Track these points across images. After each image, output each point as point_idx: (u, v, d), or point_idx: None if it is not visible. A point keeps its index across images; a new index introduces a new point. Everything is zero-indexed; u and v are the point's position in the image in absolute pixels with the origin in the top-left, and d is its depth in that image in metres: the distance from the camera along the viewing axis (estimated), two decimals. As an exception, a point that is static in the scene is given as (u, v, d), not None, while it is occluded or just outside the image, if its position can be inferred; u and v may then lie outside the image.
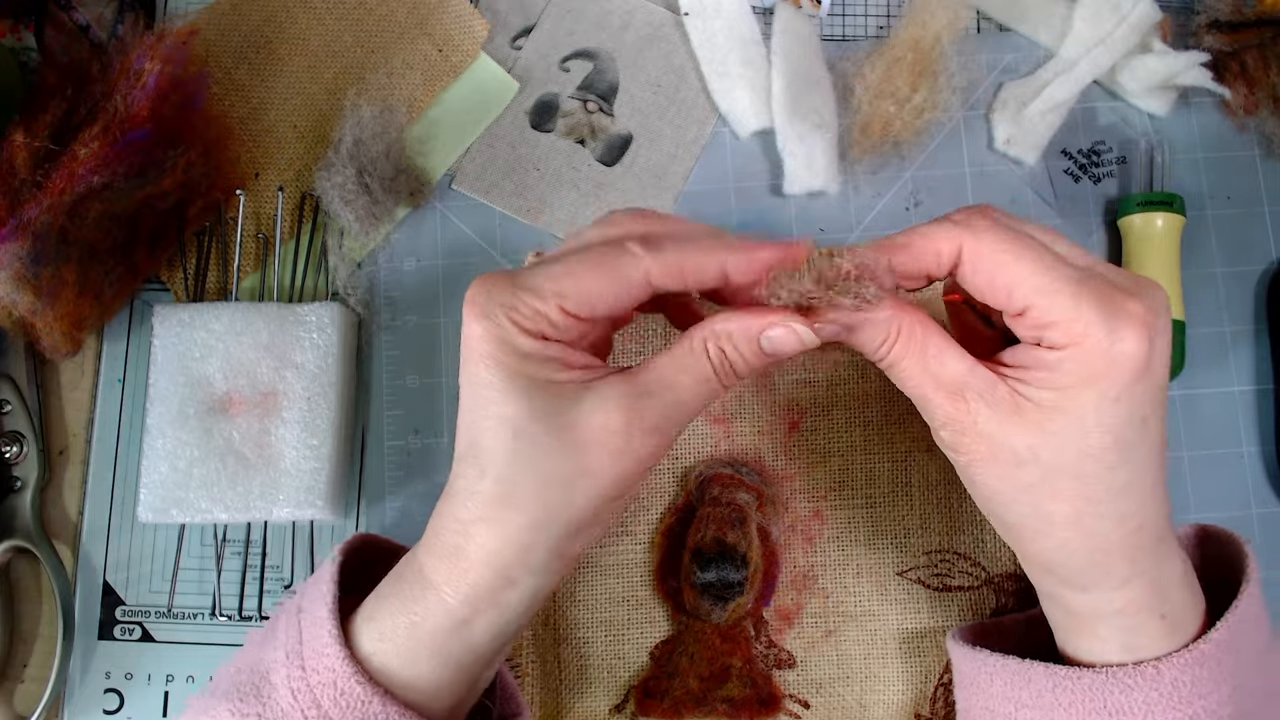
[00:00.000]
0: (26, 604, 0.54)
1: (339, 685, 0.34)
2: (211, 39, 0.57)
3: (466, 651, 0.35)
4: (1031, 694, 0.37)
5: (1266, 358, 0.55)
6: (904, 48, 0.55)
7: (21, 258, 0.46)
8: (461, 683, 0.36)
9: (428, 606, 0.35)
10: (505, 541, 0.34)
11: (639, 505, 0.52)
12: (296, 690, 0.35)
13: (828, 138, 0.56)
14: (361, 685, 0.34)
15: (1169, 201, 0.53)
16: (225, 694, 0.36)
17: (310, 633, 0.36)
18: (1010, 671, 0.38)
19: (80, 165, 0.47)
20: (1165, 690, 0.35)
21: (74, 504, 0.54)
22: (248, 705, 0.35)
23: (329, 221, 0.55)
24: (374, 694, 0.34)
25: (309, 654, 0.35)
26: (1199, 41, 0.57)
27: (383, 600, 0.36)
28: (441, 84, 0.58)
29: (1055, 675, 0.36)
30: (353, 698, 0.34)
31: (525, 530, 0.34)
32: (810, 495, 0.52)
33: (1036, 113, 0.57)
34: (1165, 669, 0.35)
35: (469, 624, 0.35)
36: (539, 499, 0.34)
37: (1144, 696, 0.35)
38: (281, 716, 0.35)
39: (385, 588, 0.37)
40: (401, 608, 0.35)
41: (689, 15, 0.58)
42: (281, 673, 0.35)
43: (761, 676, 0.50)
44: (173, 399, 0.51)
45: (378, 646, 0.35)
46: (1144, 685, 0.35)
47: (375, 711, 0.34)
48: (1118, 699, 0.35)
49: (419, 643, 0.35)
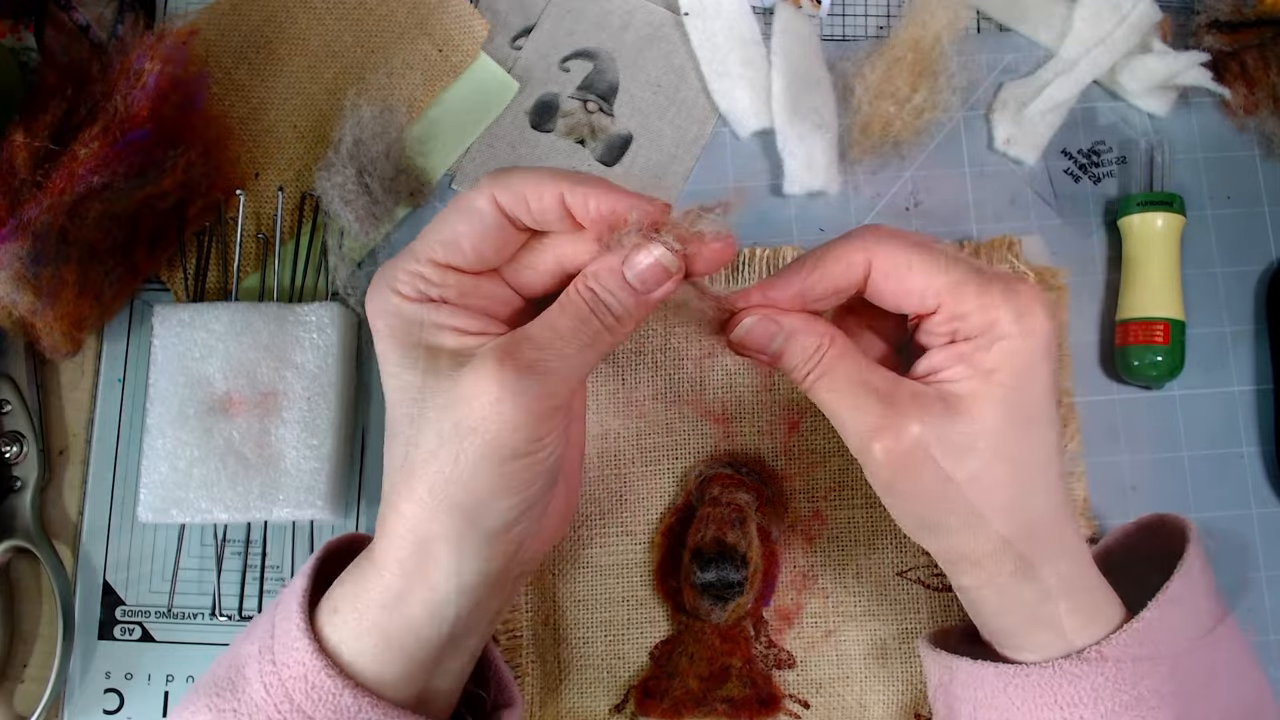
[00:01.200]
0: (26, 604, 0.54)
1: (310, 679, 0.34)
2: (211, 39, 0.57)
3: (407, 632, 0.35)
4: (986, 694, 0.38)
5: (1266, 358, 0.55)
6: (904, 48, 0.55)
7: (21, 258, 0.46)
8: (409, 670, 0.36)
9: (369, 584, 0.35)
10: (415, 509, 0.34)
11: (639, 505, 0.52)
12: (269, 685, 0.35)
13: (828, 138, 0.56)
14: (331, 678, 0.34)
15: (1169, 201, 0.53)
16: (205, 690, 0.37)
17: (282, 626, 0.36)
18: (964, 673, 0.39)
19: (80, 165, 0.47)
20: (1109, 674, 0.35)
21: (74, 504, 0.54)
22: (224, 700, 0.36)
23: (329, 221, 0.55)
24: (344, 686, 0.34)
25: (280, 648, 0.35)
26: (1199, 41, 0.57)
27: (340, 585, 0.37)
28: (441, 84, 0.58)
29: (1005, 674, 0.37)
30: (323, 690, 0.34)
31: (427, 494, 0.34)
32: (810, 495, 0.52)
33: (1036, 113, 0.57)
34: (1108, 651, 0.35)
35: (403, 599, 0.35)
36: (434, 460, 0.34)
37: (1091, 683, 0.35)
38: (255, 710, 0.35)
39: (346, 573, 0.37)
40: (351, 589, 0.36)
41: (689, 15, 0.58)
42: (254, 667, 0.36)
43: (761, 676, 0.50)
44: (173, 399, 0.51)
45: (336, 634, 0.35)
46: (1090, 672, 0.35)
47: (346, 703, 0.34)
48: (1066, 690, 0.36)
49: (363, 620, 0.35)
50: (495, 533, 0.35)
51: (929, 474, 0.35)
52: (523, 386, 0.33)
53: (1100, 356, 0.55)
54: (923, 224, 0.56)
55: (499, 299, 0.37)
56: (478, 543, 0.35)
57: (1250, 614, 0.53)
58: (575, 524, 0.52)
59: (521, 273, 0.37)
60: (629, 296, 0.35)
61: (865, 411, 0.35)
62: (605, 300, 0.35)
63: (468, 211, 0.35)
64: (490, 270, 0.37)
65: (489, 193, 0.35)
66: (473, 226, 0.35)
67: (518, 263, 0.37)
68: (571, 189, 0.34)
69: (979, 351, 0.35)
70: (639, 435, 0.52)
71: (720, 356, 0.53)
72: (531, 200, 0.35)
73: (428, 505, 0.34)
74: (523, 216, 0.35)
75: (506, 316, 0.38)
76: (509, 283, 0.37)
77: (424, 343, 0.35)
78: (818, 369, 0.36)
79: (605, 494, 0.52)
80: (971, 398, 0.35)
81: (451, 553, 0.34)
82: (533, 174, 0.35)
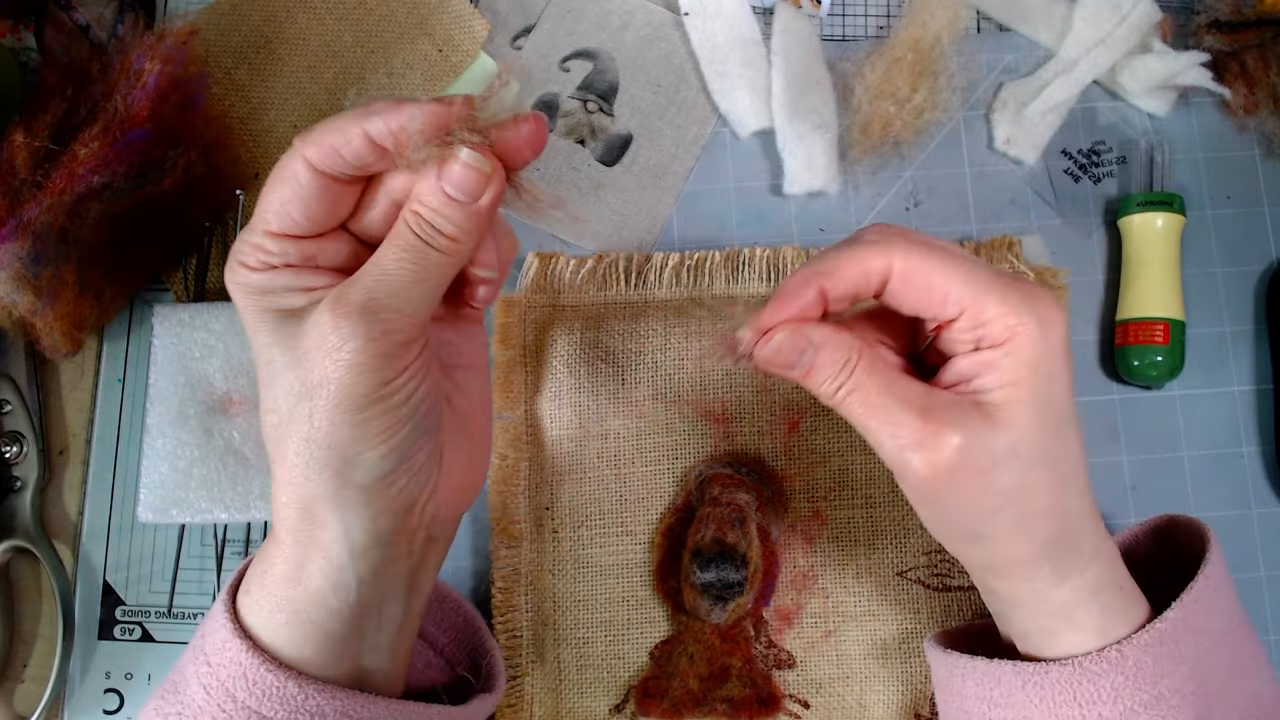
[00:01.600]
0: (26, 604, 0.54)
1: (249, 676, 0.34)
2: (211, 39, 0.57)
3: (312, 603, 0.34)
4: (1002, 693, 0.37)
5: (1266, 358, 0.55)
6: (904, 48, 0.55)
7: (21, 258, 0.46)
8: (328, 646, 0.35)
9: (270, 558, 0.35)
10: (289, 474, 0.34)
11: (639, 505, 0.52)
12: (208, 686, 0.34)
13: (828, 138, 0.56)
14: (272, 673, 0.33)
15: (1169, 201, 0.53)
16: (156, 694, 0.37)
17: (210, 626, 0.36)
18: (980, 672, 0.38)
19: (80, 165, 0.47)
20: (1130, 673, 0.35)
21: (74, 504, 0.54)
22: (167, 704, 0.35)
23: (329, 221, 0.55)
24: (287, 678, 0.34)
25: (210, 647, 0.35)
26: (1199, 41, 0.57)
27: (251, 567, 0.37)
28: (441, 84, 0.58)
29: (1024, 673, 0.37)
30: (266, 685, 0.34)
31: (294, 456, 0.33)
32: (810, 495, 0.52)
33: (1036, 113, 0.57)
34: (1129, 651, 0.35)
35: (302, 569, 0.34)
36: (294, 423, 0.33)
37: (1110, 682, 0.35)
38: (198, 712, 0.34)
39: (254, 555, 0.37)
40: (258, 568, 0.36)
41: (689, 15, 0.58)
42: (191, 669, 0.35)
43: (761, 676, 0.50)
44: (173, 399, 0.51)
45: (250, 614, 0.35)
46: (1110, 670, 0.35)
47: (292, 694, 0.34)
48: (1086, 688, 0.35)
49: (270, 594, 0.35)
50: (372, 489, 0.34)
51: (972, 484, 0.34)
52: (355, 329, 0.32)
53: (1100, 356, 0.55)
54: (923, 224, 0.56)
55: (345, 253, 0.37)
56: (358, 501, 0.34)
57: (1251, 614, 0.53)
58: (575, 524, 0.52)
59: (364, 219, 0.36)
60: (456, 211, 0.34)
61: (902, 425, 0.35)
62: (433, 221, 0.34)
63: (287, 179, 0.34)
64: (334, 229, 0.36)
65: (301, 155, 0.34)
66: (296, 192, 0.34)
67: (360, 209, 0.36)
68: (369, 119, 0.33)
69: (1007, 359, 0.34)
70: (639, 435, 0.52)
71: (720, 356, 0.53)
72: (341, 149, 0.34)
73: (298, 468, 0.33)
74: (341, 168, 0.34)
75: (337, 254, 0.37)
76: (356, 233, 0.37)
77: (273, 308, 0.34)
78: (849, 383, 0.35)
79: (605, 494, 0.52)
80: (1007, 405, 0.34)
81: (334, 514, 0.34)
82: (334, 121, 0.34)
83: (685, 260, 0.55)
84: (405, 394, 0.34)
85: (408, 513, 0.35)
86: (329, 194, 0.35)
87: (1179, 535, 0.42)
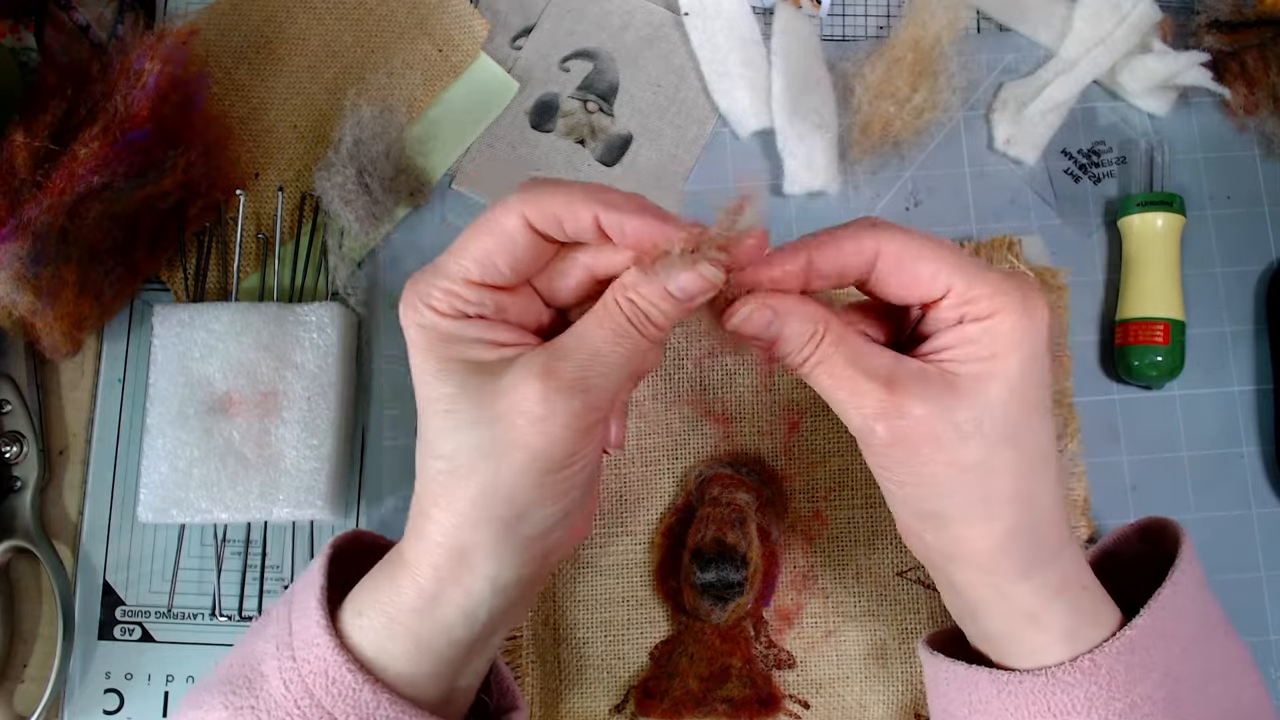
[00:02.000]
0: (26, 604, 0.54)
1: (330, 674, 0.34)
2: (211, 39, 0.57)
3: (439, 634, 0.35)
4: (980, 699, 0.37)
5: (1266, 358, 0.55)
6: (904, 48, 0.55)
7: (21, 258, 0.46)
8: (439, 669, 0.36)
9: (400, 587, 0.36)
10: (453, 519, 0.34)
11: (639, 505, 0.52)
12: (288, 681, 0.35)
13: (828, 138, 0.56)
14: (352, 674, 0.34)
15: (1169, 201, 0.53)
16: (219, 687, 0.37)
17: (300, 623, 0.36)
18: (960, 678, 0.38)
19: (80, 165, 0.47)
20: (1103, 682, 0.35)
21: (74, 504, 0.54)
22: (240, 697, 0.36)
23: (329, 221, 0.55)
24: (364, 681, 0.34)
25: (299, 644, 0.36)
26: (1199, 41, 0.57)
27: (366, 588, 0.37)
28: (441, 84, 0.58)
29: (999, 681, 0.37)
30: (344, 686, 0.34)
31: (468, 506, 0.34)
32: (810, 495, 0.52)
33: (1036, 113, 0.57)
34: (1101, 660, 0.35)
35: (437, 603, 0.35)
36: (474, 474, 0.34)
37: (1085, 691, 0.35)
38: (274, 706, 0.35)
39: (370, 577, 0.38)
40: (380, 593, 0.36)
41: (689, 15, 0.58)
42: (272, 663, 0.36)
43: (761, 676, 0.50)
44: (173, 399, 0.51)
45: (362, 635, 0.36)
46: (1084, 680, 0.35)
47: (366, 699, 0.34)
48: (1060, 698, 0.35)
49: (394, 623, 0.35)
50: (532, 539, 0.35)
51: (933, 456, 0.34)
52: (566, 405, 0.33)
53: (1100, 356, 0.55)
54: (923, 224, 0.56)
55: (530, 310, 0.37)
56: (515, 549, 0.35)
57: (1250, 614, 0.53)
58: (575, 524, 0.52)
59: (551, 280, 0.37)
60: (669, 304, 0.35)
61: (867, 395, 0.35)
62: (646, 311, 0.35)
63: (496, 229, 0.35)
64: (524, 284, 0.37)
65: (519, 211, 0.34)
66: (505, 245, 0.35)
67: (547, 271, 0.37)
68: (606, 212, 0.34)
69: (986, 334, 0.34)
70: (639, 435, 0.52)
71: (720, 356, 0.53)
72: (566, 222, 0.34)
73: (468, 516, 0.34)
74: (555, 234, 0.35)
75: (536, 326, 0.38)
76: (538, 291, 0.37)
77: (460, 357, 0.35)
78: (816, 354, 0.36)
79: (605, 494, 0.52)
80: (977, 378, 0.34)
81: (489, 559, 0.35)
82: (563, 193, 0.34)
83: (685, 260, 0.55)
84: (585, 462, 0.35)
85: (548, 556, 0.37)
86: (535, 253, 0.35)
87: (1164, 536, 0.42)
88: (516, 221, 0.35)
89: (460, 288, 0.35)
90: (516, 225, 0.35)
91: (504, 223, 0.35)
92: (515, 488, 0.34)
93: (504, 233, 0.35)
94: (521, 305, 0.37)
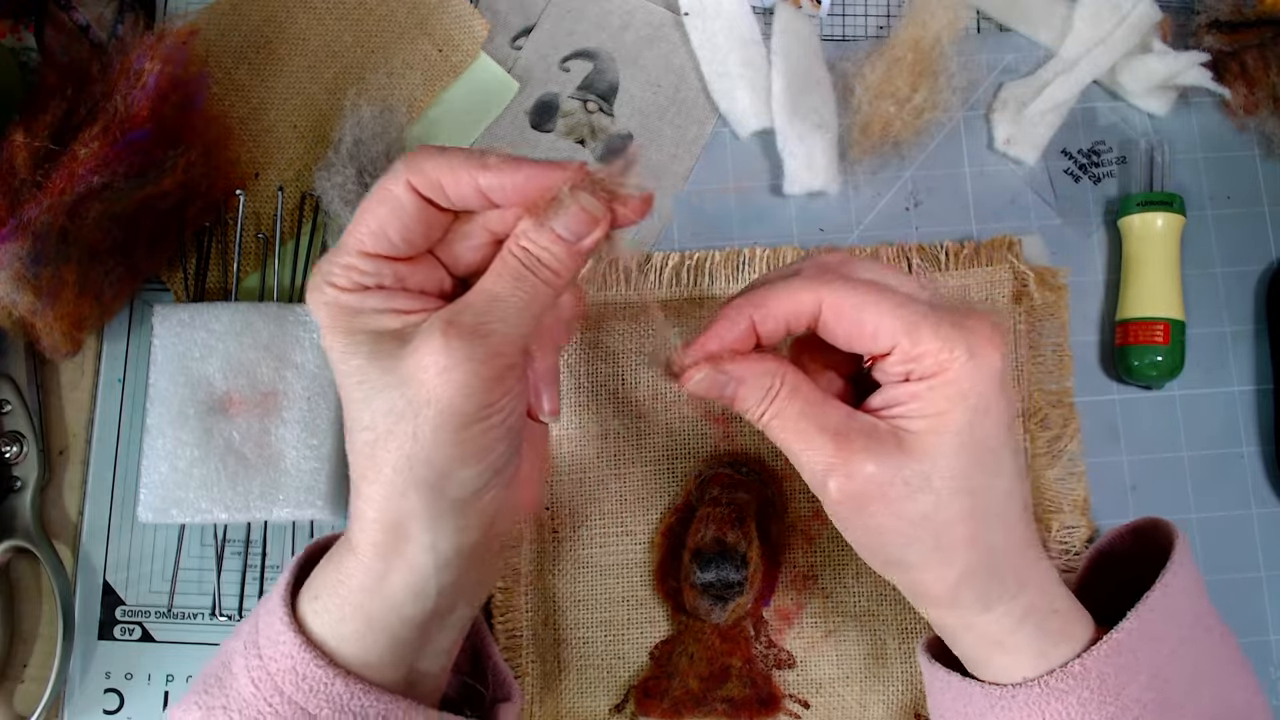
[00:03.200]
0: (26, 604, 0.54)
1: (299, 670, 0.35)
2: (211, 39, 0.57)
3: (389, 611, 0.35)
4: (974, 710, 0.38)
5: (1266, 358, 0.55)
6: (904, 48, 0.55)
7: (21, 258, 0.46)
8: (395, 650, 0.36)
9: (346, 568, 0.36)
10: (382, 490, 0.34)
11: (639, 505, 0.52)
12: (257, 679, 0.35)
13: (828, 138, 0.56)
14: (321, 668, 0.34)
15: (1169, 201, 0.53)
16: (194, 689, 0.37)
17: (265, 620, 0.36)
18: (954, 689, 0.39)
19: (80, 165, 0.47)
20: (1094, 685, 0.35)
21: (74, 504, 0.54)
22: (212, 697, 0.36)
23: (329, 221, 0.55)
24: (335, 675, 0.34)
25: (264, 642, 0.36)
26: (1199, 41, 0.57)
27: (319, 573, 0.37)
28: (441, 84, 0.58)
29: (991, 695, 0.37)
30: (314, 680, 0.34)
31: (391, 473, 0.34)
32: (810, 495, 0.52)
33: (1036, 113, 0.57)
34: (1090, 664, 0.36)
35: (384, 580, 0.35)
36: (392, 438, 0.34)
37: (1077, 697, 0.35)
38: (245, 705, 0.35)
39: (322, 563, 0.38)
40: (329, 575, 0.36)
41: (689, 15, 0.58)
42: (240, 662, 0.36)
43: (761, 676, 0.50)
44: (173, 399, 0.51)
45: (317, 619, 0.36)
46: (1075, 686, 0.36)
47: (338, 692, 0.34)
48: (1053, 706, 0.36)
49: (345, 605, 0.35)
50: (465, 502, 0.35)
51: (885, 511, 0.35)
52: (469, 351, 0.33)
53: (1100, 356, 0.55)
54: (923, 224, 0.56)
55: (435, 277, 0.37)
56: (449, 514, 0.35)
57: (1250, 614, 0.53)
58: (575, 524, 0.52)
59: (455, 248, 0.37)
60: (561, 248, 0.35)
61: (818, 450, 0.36)
62: (539, 255, 0.35)
63: (388, 201, 0.35)
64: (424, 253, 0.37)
65: (404, 179, 0.35)
66: (396, 215, 0.35)
67: (451, 238, 0.37)
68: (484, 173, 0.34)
69: (932, 391, 0.35)
70: (639, 435, 0.52)
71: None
72: (448, 187, 0.35)
73: (394, 484, 0.34)
74: (441, 201, 0.35)
75: (443, 293, 0.38)
76: (443, 260, 0.38)
77: (365, 328, 0.35)
78: (770, 409, 0.37)
79: (605, 494, 0.52)
80: (925, 435, 0.35)
81: (425, 528, 0.35)
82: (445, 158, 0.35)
83: (685, 260, 0.55)
84: (504, 414, 0.35)
85: (491, 524, 0.37)
86: (427, 218, 0.36)
87: (1159, 536, 0.42)
88: (403, 190, 0.35)
89: (357, 260, 0.35)
90: (403, 191, 0.35)
91: (393, 191, 0.35)
92: (433, 445, 0.33)
93: (394, 200, 0.35)
94: (423, 274, 0.37)
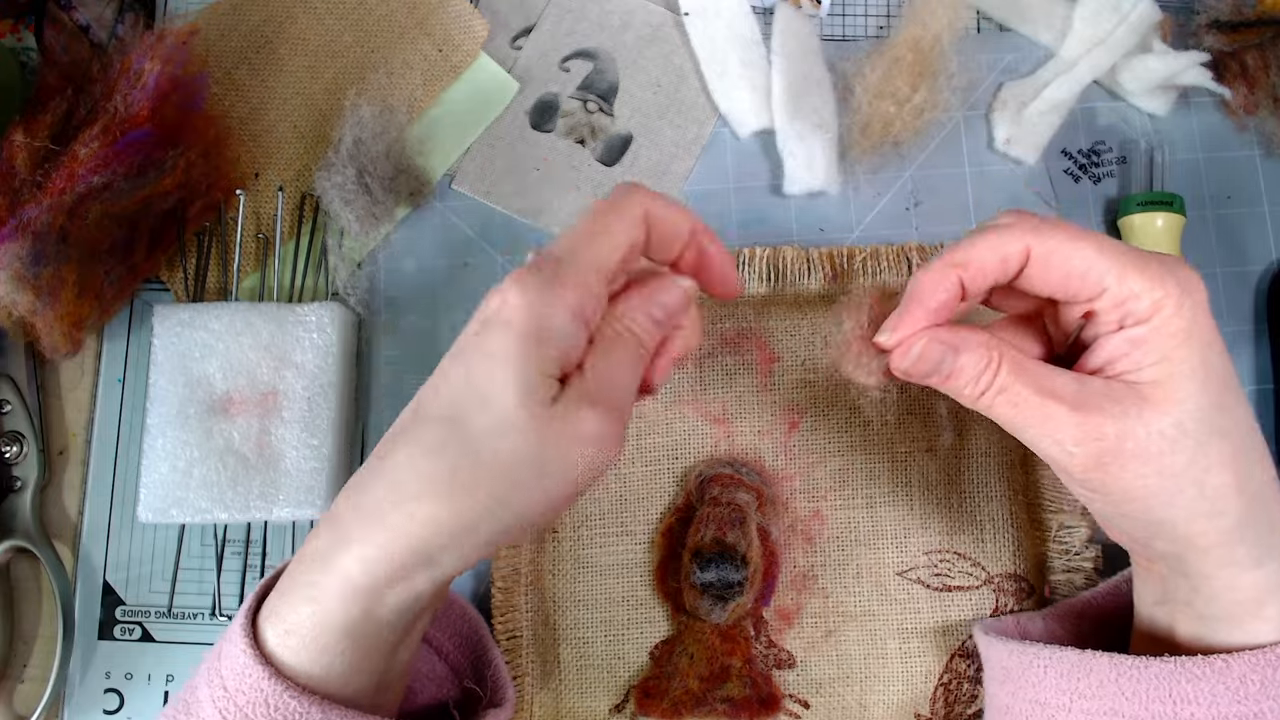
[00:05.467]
0: (26, 604, 0.54)
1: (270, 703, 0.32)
2: (211, 39, 0.57)
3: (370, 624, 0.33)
4: (1092, 685, 0.36)
5: (1266, 358, 0.55)
6: (904, 48, 0.55)
7: (21, 258, 0.46)
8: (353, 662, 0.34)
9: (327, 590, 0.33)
10: (448, 520, 0.32)
11: (639, 505, 0.52)
12: (224, 711, 0.33)
13: (828, 138, 0.56)
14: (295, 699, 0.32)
15: (1169, 201, 0.53)
16: (165, 715, 0.36)
17: (227, 648, 0.34)
18: (1068, 664, 0.37)
19: (80, 165, 0.47)
20: (1232, 685, 0.34)
21: (74, 504, 0.54)
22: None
23: (329, 221, 0.55)
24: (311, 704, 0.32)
25: (227, 671, 0.34)
26: (1199, 41, 0.57)
27: (284, 591, 0.34)
28: (441, 84, 0.58)
29: (1120, 665, 0.35)
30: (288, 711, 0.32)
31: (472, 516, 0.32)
32: (810, 495, 0.52)
33: (1036, 113, 0.57)
34: (1235, 665, 0.34)
35: (381, 599, 0.33)
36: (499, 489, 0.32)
37: (1209, 687, 0.34)
38: None
39: (286, 576, 0.35)
40: (304, 594, 0.34)
41: (689, 15, 0.58)
42: (205, 691, 0.34)
43: (761, 676, 0.50)
44: (173, 399, 0.51)
45: (283, 642, 0.33)
46: (1211, 677, 0.34)
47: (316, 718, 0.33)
48: (1184, 688, 0.34)
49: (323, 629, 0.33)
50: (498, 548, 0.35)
51: (1143, 471, 0.33)
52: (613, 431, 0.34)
53: (1100, 356, 0.55)
54: (923, 224, 0.56)
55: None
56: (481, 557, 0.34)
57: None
58: (575, 524, 0.52)
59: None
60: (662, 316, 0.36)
61: (1056, 421, 0.33)
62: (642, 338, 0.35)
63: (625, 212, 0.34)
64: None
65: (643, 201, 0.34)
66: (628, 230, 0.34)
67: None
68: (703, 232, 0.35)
69: (1156, 333, 0.33)
70: (639, 435, 0.52)
71: (720, 356, 0.53)
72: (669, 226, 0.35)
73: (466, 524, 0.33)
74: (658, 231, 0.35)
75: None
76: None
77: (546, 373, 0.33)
78: (994, 385, 0.34)
79: (605, 494, 0.52)
80: (1164, 383, 0.33)
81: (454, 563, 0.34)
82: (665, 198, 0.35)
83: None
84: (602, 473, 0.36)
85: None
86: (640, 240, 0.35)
87: None
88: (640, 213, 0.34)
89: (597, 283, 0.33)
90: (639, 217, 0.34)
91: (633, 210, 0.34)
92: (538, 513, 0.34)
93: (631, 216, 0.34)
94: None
